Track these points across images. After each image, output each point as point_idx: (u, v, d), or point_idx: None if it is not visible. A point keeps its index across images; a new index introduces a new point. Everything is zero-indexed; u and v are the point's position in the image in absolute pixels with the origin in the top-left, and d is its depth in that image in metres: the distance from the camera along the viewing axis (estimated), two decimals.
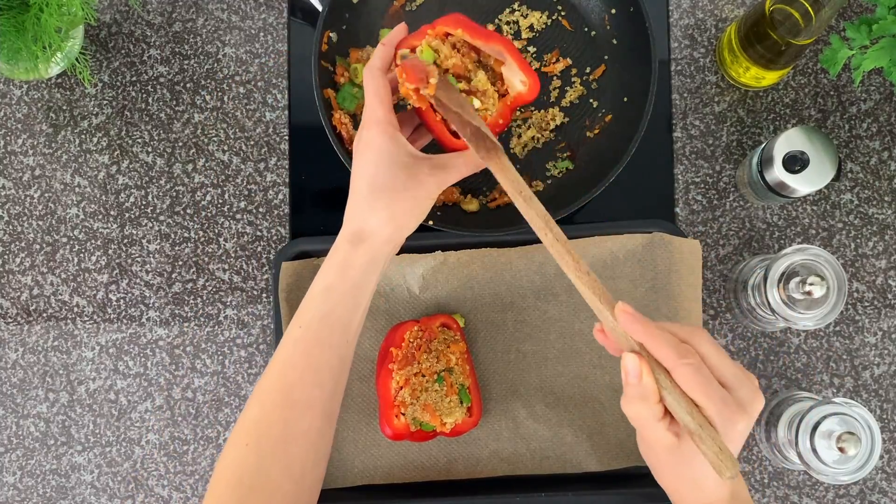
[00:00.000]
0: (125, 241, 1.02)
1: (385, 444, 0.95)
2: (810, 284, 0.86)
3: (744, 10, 1.03)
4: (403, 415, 0.90)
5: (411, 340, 0.91)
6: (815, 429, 0.86)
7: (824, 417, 0.86)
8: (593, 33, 0.98)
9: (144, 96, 1.03)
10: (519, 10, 0.99)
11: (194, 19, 1.04)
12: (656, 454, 0.69)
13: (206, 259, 1.01)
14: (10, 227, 1.02)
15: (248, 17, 1.04)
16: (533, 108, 0.98)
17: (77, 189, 1.02)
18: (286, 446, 0.75)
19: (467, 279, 0.95)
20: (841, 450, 0.84)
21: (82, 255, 1.02)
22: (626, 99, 0.96)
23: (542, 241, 0.73)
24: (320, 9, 0.94)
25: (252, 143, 1.03)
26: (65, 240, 1.02)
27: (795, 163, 0.91)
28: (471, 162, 0.79)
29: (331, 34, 0.94)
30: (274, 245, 1.01)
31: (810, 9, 0.86)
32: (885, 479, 0.98)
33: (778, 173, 0.91)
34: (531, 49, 0.98)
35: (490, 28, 0.99)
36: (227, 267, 1.01)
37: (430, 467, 0.96)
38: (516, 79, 0.82)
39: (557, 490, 0.94)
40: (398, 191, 0.76)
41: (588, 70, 0.98)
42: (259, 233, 1.02)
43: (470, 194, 0.97)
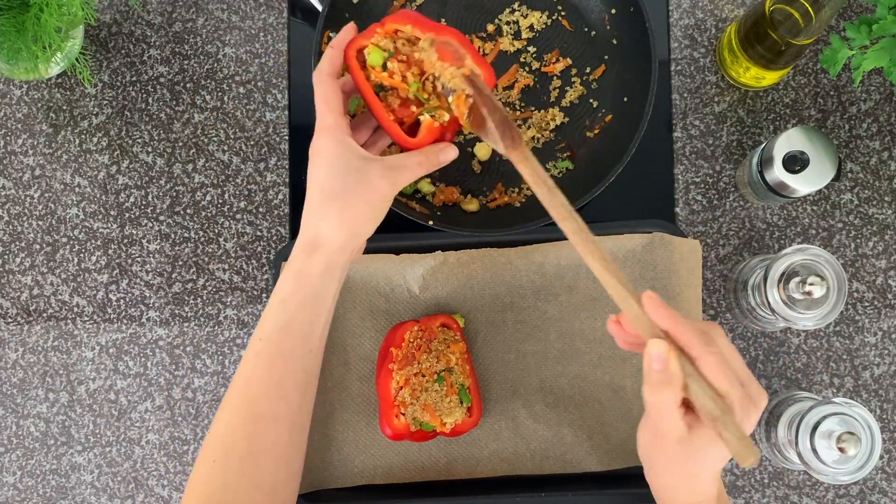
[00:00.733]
0: (125, 241, 1.02)
1: (385, 444, 0.95)
2: (810, 284, 0.86)
3: (744, 10, 1.03)
4: (403, 415, 0.90)
5: (411, 340, 0.91)
6: (815, 429, 0.86)
7: (824, 417, 0.86)
8: (593, 33, 0.98)
9: (144, 96, 1.03)
10: (519, 10, 0.99)
11: (194, 19, 1.04)
12: (664, 446, 0.68)
13: (206, 259, 1.01)
14: (10, 227, 1.02)
15: (248, 17, 1.04)
16: (533, 108, 0.98)
17: (77, 189, 1.02)
18: (254, 461, 0.74)
19: (467, 279, 0.95)
20: (841, 450, 0.84)
21: (82, 255, 1.02)
22: (626, 99, 0.96)
23: (565, 231, 0.72)
24: (320, 9, 0.94)
25: (252, 143, 1.03)
26: (65, 240, 1.02)
27: (795, 163, 0.91)
28: (425, 161, 0.78)
29: (331, 34, 0.94)
30: (274, 245, 1.01)
31: (810, 9, 0.86)
32: (885, 479, 0.98)
33: (778, 173, 0.91)
34: (531, 49, 0.98)
35: (490, 28, 0.99)
36: (227, 267, 1.01)
37: (430, 467, 0.96)
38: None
39: (557, 490, 0.94)
40: (350, 197, 0.75)
41: (588, 70, 0.98)
42: (259, 233, 1.02)
43: (470, 194, 0.97)
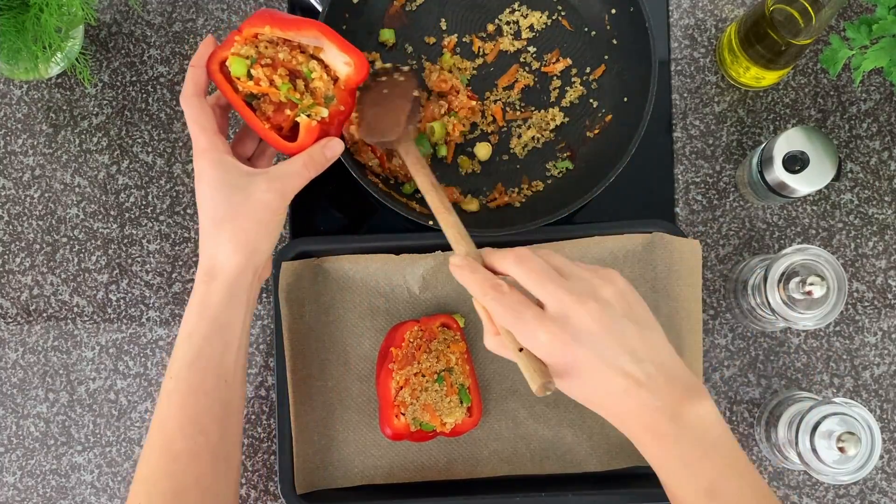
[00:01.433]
0: (125, 241, 1.02)
1: (385, 444, 0.95)
2: (810, 284, 0.86)
3: (744, 10, 1.03)
4: (403, 415, 0.90)
5: (411, 340, 0.91)
6: (815, 429, 0.86)
7: (824, 417, 0.86)
8: (593, 33, 0.98)
9: (144, 96, 1.03)
10: (519, 11, 0.99)
11: (194, 19, 1.04)
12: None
13: None
14: (10, 227, 1.02)
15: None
16: (533, 108, 0.98)
17: (77, 189, 1.02)
18: (178, 499, 0.74)
19: None
20: (841, 450, 0.84)
21: (82, 255, 1.02)
22: (625, 99, 0.96)
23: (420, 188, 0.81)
24: (320, 9, 0.94)
25: None
26: (65, 240, 1.02)
27: (795, 163, 0.91)
28: (311, 161, 0.77)
29: None
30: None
31: (810, 9, 0.86)
32: (885, 479, 0.98)
33: (778, 173, 0.91)
34: (531, 49, 0.98)
35: (490, 28, 0.99)
36: None
37: (430, 467, 0.96)
38: (339, 61, 0.79)
39: (557, 490, 0.94)
40: (239, 217, 0.74)
41: (588, 70, 0.98)
42: None
43: (470, 194, 0.97)
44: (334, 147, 0.79)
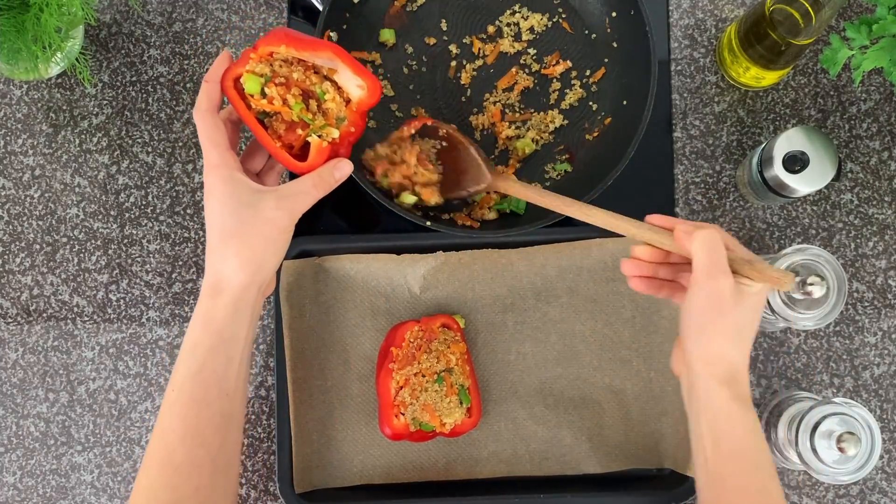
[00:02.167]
0: (125, 241, 1.02)
1: (384, 443, 0.95)
2: (810, 284, 0.86)
3: (744, 10, 1.03)
4: (403, 415, 0.90)
5: (412, 340, 0.91)
6: (815, 429, 0.86)
7: (824, 417, 0.86)
8: (594, 36, 0.98)
9: (144, 96, 1.03)
10: (519, 12, 0.99)
11: (194, 19, 1.04)
12: (719, 302, 0.74)
13: None
14: (10, 227, 1.02)
15: (248, 17, 1.04)
16: (533, 111, 0.98)
17: (77, 189, 1.02)
18: None
19: (468, 280, 0.95)
20: (841, 450, 0.84)
21: (82, 255, 1.02)
22: (625, 102, 0.96)
23: (573, 215, 0.83)
24: (321, 8, 0.94)
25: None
26: (65, 240, 1.02)
27: (795, 163, 0.91)
28: (320, 182, 0.77)
29: (331, 34, 0.94)
30: None
31: (810, 9, 0.86)
32: (885, 479, 0.98)
33: (778, 173, 0.91)
34: (531, 51, 0.98)
35: (490, 30, 0.99)
36: None
37: (430, 468, 0.96)
38: (352, 84, 0.79)
39: (556, 491, 0.94)
40: (246, 234, 0.74)
41: (588, 73, 0.98)
42: None
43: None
44: (343, 168, 0.79)
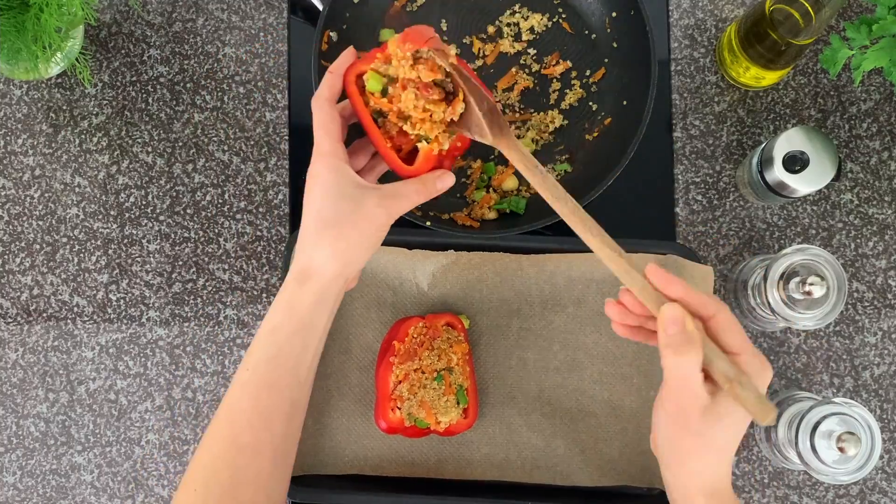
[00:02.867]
0: (125, 241, 1.02)
1: (378, 436, 0.95)
2: (810, 284, 0.86)
3: (744, 10, 1.04)
4: (399, 409, 0.90)
5: (415, 336, 0.91)
6: (815, 429, 0.86)
7: (824, 417, 0.86)
8: (594, 36, 0.98)
9: (144, 96, 1.03)
10: (520, 13, 0.99)
11: (194, 19, 1.04)
12: (688, 419, 0.68)
13: (206, 259, 1.01)
14: (10, 227, 1.02)
15: (248, 17, 1.04)
16: (532, 111, 0.98)
17: (77, 189, 1.02)
18: (235, 491, 0.74)
19: (477, 281, 0.95)
20: (841, 450, 0.84)
21: (82, 255, 1.02)
22: (625, 102, 0.96)
23: (560, 213, 0.73)
24: (321, 8, 0.94)
25: (252, 143, 1.03)
26: (65, 240, 1.02)
27: (795, 163, 0.91)
28: (423, 189, 0.78)
29: (331, 34, 0.94)
30: (274, 245, 1.01)
31: (810, 9, 0.86)
32: (885, 479, 0.98)
33: (778, 173, 0.91)
34: (531, 51, 0.98)
35: (490, 30, 0.99)
36: (227, 267, 1.01)
37: (421, 464, 0.96)
38: None
39: (545, 501, 0.94)
40: (344, 226, 0.74)
41: (588, 73, 0.98)
42: (259, 233, 1.02)
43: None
44: (446, 180, 0.79)
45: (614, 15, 0.97)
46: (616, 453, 0.95)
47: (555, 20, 0.99)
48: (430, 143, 0.77)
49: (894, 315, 1.00)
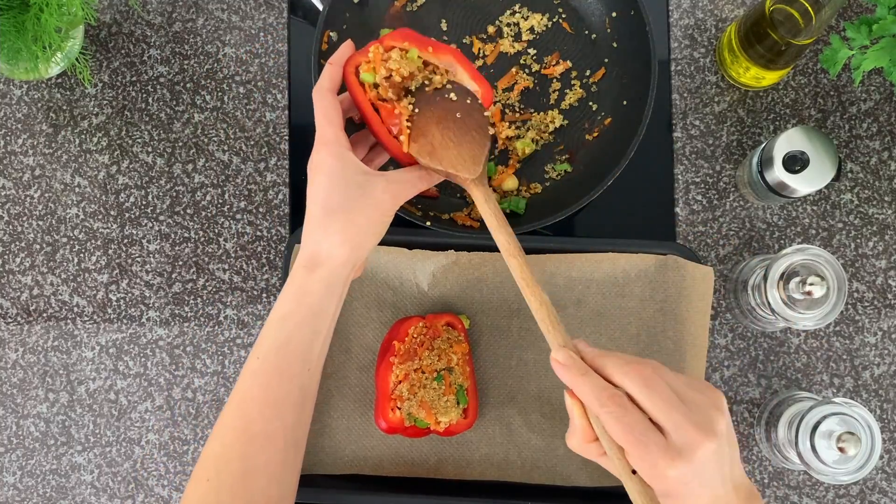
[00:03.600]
0: (125, 241, 1.02)
1: (378, 435, 0.95)
2: (810, 284, 0.86)
3: (744, 10, 1.04)
4: (399, 409, 0.90)
5: (415, 336, 0.91)
6: (815, 429, 0.86)
7: (824, 417, 0.86)
8: (594, 36, 0.98)
9: (144, 96, 1.03)
10: (520, 13, 0.99)
11: (194, 19, 1.04)
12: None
13: (206, 259, 1.01)
14: (10, 227, 1.02)
15: (248, 17, 1.04)
16: (532, 111, 0.98)
17: (77, 189, 1.02)
18: (246, 481, 0.74)
19: (477, 281, 0.95)
20: (841, 450, 0.84)
21: (82, 255, 1.02)
22: (625, 102, 0.96)
23: (509, 265, 0.77)
24: (321, 8, 0.94)
25: (252, 143, 1.03)
26: (65, 240, 1.02)
27: (795, 163, 0.91)
28: (426, 175, 0.78)
29: (331, 34, 0.94)
30: (274, 245, 1.01)
31: (810, 9, 0.86)
32: (885, 479, 0.98)
33: (778, 173, 0.91)
34: (531, 51, 0.98)
35: (491, 30, 0.99)
36: (227, 267, 1.01)
37: (420, 464, 0.96)
38: (470, 89, 0.80)
39: (545, 501, 0.94)
40: (352, 211, 0.75)
41: (588, 73, 0.98)
42: (259, 233, 1.02)
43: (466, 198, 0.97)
44: None
45: (614, 15, 0.97)
46: None
47: (555, 20, 0.99)
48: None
49: (894, 315, 1.00)
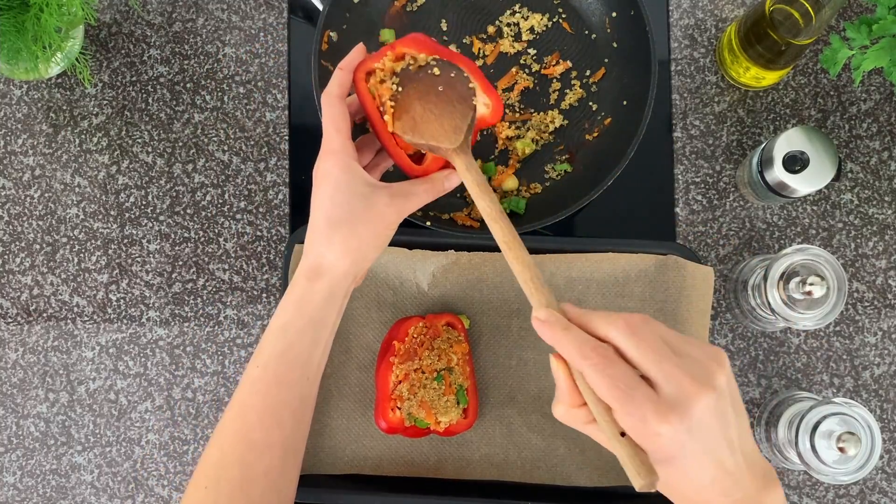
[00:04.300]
0: (125, 241, 1.02)
1: (378, 435, 0.95)
2: (810, 284, 0.86)
3: (744, 10, 1.04)
4: (399, 409, 0.90)
5: (415, 336, 0.91)
6: (815, 429, 0.86)
7: (824, 417, 0.86)
8: (594, 36, 0.98)
9: (144, 96, 1.03)
10: (520, 12, 0.99)
11: (194, 19, 1.04)
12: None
13: (206, 259, 1.01)
14: (10, 227, 1.02)
15: (248, 17, 1.04)
16: (532, 111, 0.98)
17: (77, 189, 1.02)
18: (245, 488, 0.74)
19: (477, 281, 0.95)
20: (841, 450, 0.84)
21: (82, 255, 1.02)
22: (625, 102, 0.96)
23: (493, 231, 0.72)
24: (321, 8, 0.94)
25: (252, 143, 1.03)
26: (65, 240, 1.02)
27: (795, 163, 0.91)
28: (431, 188, 0.78)
29: (331, 34, 0.94)
30: (274, 245, 1.01)
31: (810, 9, 0.86)
32: (885, 479, 0.98)
33: (778, 173, 0.91)
34: (531, 51, 0.98)
35: (491, 30, 0.99)
36: (227, 267, 1.01)
37: (420, 464, 0.96)
38: (480, 101, 0.79)
39: (545, 501, 0.94)
40: (355, 223, 0.75)
41: (588, 73, 0.98)
42: (259, 233, 1.02)
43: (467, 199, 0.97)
44: (454, 180, 0.79)
45: (614, 15, 0.97)
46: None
47: (555, 20, 0.99)
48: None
49: (894, 315, 1.00)
